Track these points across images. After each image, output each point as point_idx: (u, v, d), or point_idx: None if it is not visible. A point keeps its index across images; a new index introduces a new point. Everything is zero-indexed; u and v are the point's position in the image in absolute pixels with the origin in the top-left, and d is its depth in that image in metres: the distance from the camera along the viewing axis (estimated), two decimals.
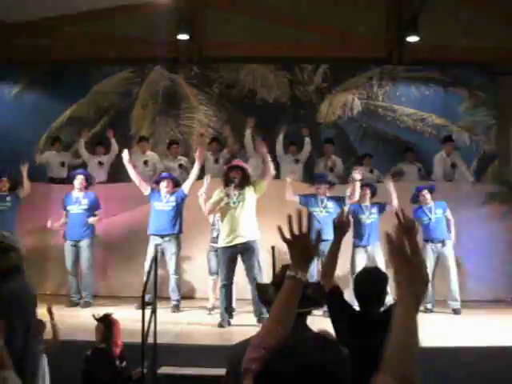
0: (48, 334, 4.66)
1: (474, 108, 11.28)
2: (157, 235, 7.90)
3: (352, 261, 7.89)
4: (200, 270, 8.59)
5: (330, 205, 7.84)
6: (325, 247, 7.76)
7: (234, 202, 6.78)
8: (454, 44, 10.85)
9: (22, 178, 8.63)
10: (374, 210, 8.07)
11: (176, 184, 8.15)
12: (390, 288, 3.43)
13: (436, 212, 8.09)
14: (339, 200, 7.89)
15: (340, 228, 3.25)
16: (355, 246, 7.95)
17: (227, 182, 6.83)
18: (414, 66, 11.35)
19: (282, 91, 11.53)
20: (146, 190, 8.07)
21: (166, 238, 7.87)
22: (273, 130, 10.90)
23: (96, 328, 4.72)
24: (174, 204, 7.96)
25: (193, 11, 11.33)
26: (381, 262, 7.77)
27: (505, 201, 8.92)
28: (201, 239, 8.18)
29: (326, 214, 7.77)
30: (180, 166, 10.19)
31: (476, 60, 11.08)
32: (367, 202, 8.11)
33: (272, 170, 7.12)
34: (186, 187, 7.98)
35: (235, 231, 6.75)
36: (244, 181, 6.86)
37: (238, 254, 6.81)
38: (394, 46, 11.29)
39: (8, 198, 8.55)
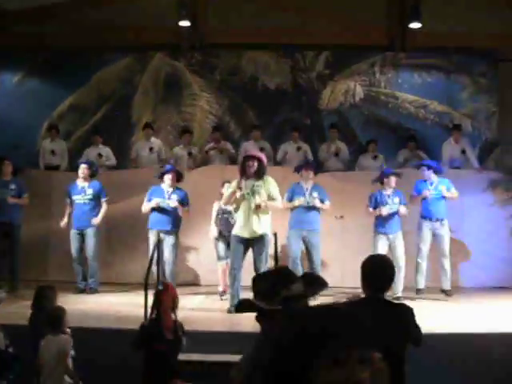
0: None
1: (475, 95, 11.26)
2: (156, 230, 7.93)
3: (374, 247, 7.88)
4: (206, 258, 8.65)
5: (315, 194, 7.90)
6: (310, 237, 7.89)
7: (248, 194, 6.69)
8: (455, 31, 10.80)
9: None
10: (397, 199, 7.97)
11: (179, 177, 8.16)
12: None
13: (438, 189, 8.04)
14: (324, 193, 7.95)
15: None
16: (377, 233, 7.95)
17: (243, 172, 6.75)
18: (416, 53, 11.30)
19: (284, 78, 11.48)
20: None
21: (165, 232, 7.93)
22: (274, 117, 10.89)
23: None
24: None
25: None
26: (401, 251, 7.85)
27: (508, 188, 8.93)
28: (205, 227, 8.16)
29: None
30: (189, 154, 10.15)
31: (478, 46, 11.03)
32: (390, 191, 8.00)
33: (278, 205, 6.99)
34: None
35: (248, 224, 6.69)
36: (259, 172, 6.75)
37: (250, 244, 6.79)
38: (396, 32, 11.20)
39: (12, 186, 8.32)
